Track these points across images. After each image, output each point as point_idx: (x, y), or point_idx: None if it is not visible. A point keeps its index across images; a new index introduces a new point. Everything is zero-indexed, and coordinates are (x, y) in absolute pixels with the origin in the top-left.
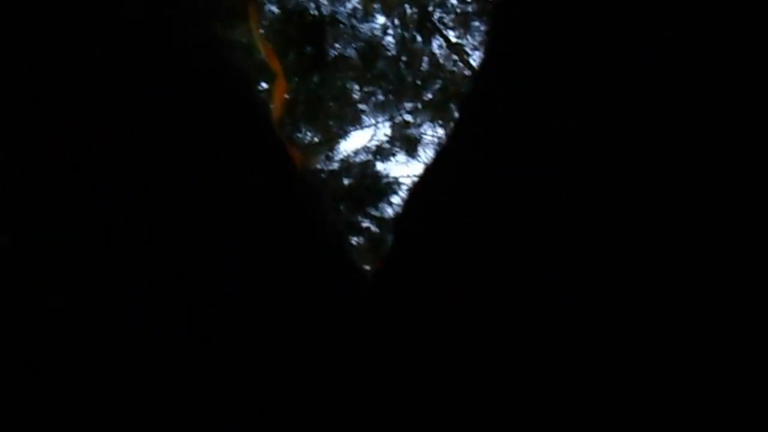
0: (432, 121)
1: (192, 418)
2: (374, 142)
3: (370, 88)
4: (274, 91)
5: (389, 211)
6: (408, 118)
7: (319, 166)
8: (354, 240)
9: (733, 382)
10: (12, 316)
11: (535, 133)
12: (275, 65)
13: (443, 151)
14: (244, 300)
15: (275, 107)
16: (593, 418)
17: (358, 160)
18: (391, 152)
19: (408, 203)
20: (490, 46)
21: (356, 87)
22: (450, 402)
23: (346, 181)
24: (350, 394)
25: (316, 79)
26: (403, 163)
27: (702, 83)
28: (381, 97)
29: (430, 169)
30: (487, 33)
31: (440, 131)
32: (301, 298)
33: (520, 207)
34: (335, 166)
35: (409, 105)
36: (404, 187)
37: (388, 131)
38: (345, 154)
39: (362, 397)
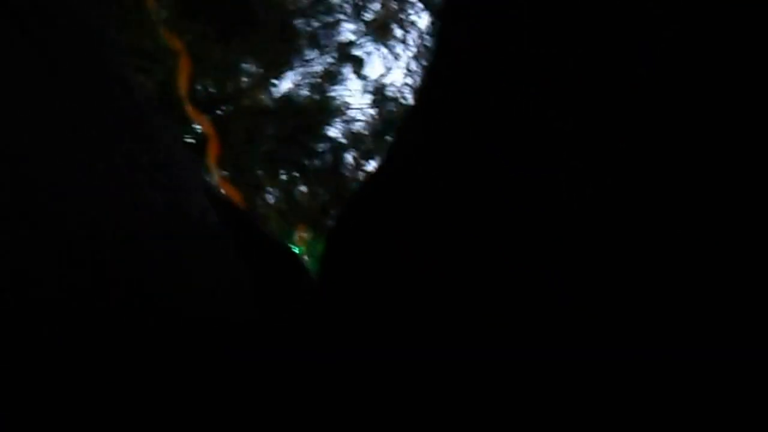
0: (375, 41)
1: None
2: (319, 67)
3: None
4: (179, 69)
5: (341, 132)
6: (351, 37)
7: (264, 97)
8: (312, 163)
9: (732, 381)
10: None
11: (535, 133)
12: (176, 44)
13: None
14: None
15: (182, 84)
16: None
17: (305, 84)
18: (338, 74)
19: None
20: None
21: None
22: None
23: (296, 108)
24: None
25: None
26: (351, 81)
27: (702, 83)
28: (323, 21)
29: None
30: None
31: (384, 50)
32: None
33: (520, 207)
34: (283, 91)
35: (351, 27)
36: (354, 108)
37: (335, 54)
38: (292, 83)
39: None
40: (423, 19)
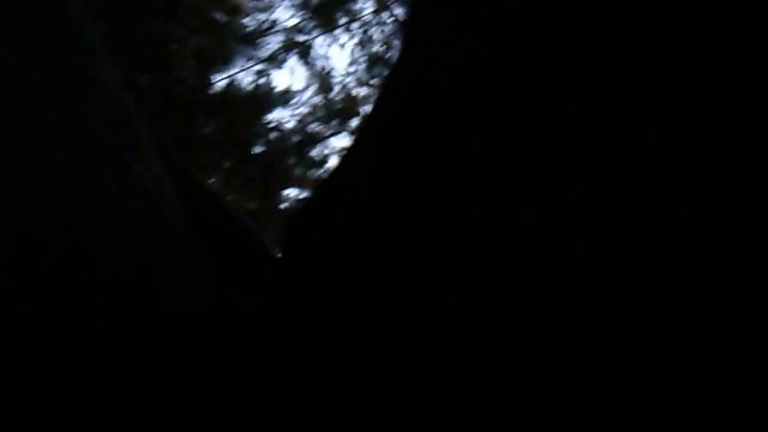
0: (319, 27)
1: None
2: (266, 53)
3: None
4: None
5: (286, 116)
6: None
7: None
8: (258, 149)
9: (731, 382)
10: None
11: (535, 133)
12: None
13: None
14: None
15: None
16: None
17: (251, 71)
18: (284, 59)
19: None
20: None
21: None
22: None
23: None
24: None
25: None
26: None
27: (700, 84)
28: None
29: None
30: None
31: (329, 37)
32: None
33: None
34: (225, 80)
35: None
36: (298, 94)
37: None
38: (236, 68)
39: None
40: (368, 8)
